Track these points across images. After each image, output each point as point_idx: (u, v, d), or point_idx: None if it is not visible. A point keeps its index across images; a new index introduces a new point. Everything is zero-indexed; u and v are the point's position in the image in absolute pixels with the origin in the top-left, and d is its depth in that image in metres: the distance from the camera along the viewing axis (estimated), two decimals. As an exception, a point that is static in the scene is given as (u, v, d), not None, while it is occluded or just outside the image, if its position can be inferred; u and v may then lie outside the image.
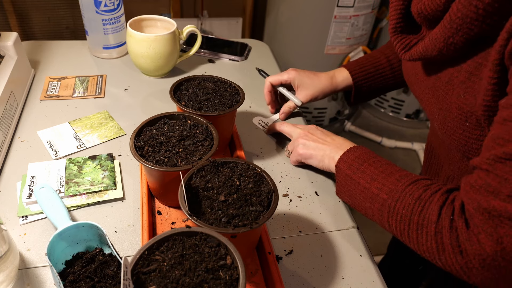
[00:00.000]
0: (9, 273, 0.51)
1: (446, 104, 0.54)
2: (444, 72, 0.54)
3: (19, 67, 0.84)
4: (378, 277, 0.59)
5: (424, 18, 0.51)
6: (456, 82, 0.51)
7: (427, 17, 0.50)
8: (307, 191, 0.71)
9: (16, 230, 0.60)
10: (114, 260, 0.53)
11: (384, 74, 0.81)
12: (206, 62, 1.07)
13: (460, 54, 0.50)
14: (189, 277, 0.40)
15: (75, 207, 0.64)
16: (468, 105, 0.49)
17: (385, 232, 0.65)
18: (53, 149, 0.73)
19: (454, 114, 0.53)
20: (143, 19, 0.96)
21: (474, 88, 0.48)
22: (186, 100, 0.71)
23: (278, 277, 0.53)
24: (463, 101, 0.50)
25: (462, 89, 0.50)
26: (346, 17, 1.78)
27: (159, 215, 0.64)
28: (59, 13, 1.83)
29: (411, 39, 0.55)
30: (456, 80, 0.51)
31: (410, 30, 0.56)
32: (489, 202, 0.42)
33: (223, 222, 0.50)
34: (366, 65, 0.81)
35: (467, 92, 0.49)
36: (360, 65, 0.82)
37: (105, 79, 0.95)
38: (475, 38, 0.46)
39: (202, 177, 0.55)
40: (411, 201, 0.50)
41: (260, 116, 0.89)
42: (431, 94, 0.57)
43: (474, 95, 0.48)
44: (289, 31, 1.92)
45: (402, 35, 0.56)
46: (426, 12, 0.50)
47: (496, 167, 0.42)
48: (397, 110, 2.32)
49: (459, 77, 0.51)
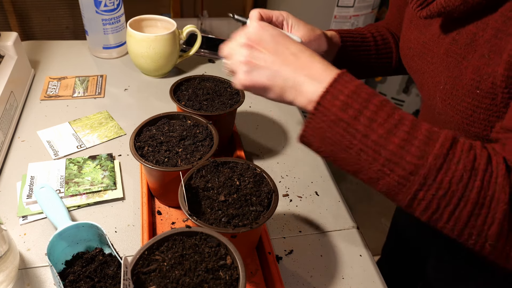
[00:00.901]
0: (9, 273, 0.51)
1: (458, 70, 0.48)
2: (464, 33, 0.48)
3: (19, 67, 0.84)
4: (378, 277, 0.59)
5: None
6: (480, 41, 0.46)
7: None
8: (307, 191, 0.71)
9: (16, 230, 0.60)
10: (114, 260, 0.53)
11: (368, 48, 0.75)
12: (206, 62, 1.07)
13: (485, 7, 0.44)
14: (189, 277, 0.40)
15: (75, 207, 0.63)
16: (491, 65, 0.44)
17: (385, 232, 0.64)
18: (53, 149, 0.73)
19: (465, 81, 0.47)
20: (143, 19, 0.96)
21: (501, 46, 0.43)
22: (186, 100, 0.71)
23: (278, 277, 0.53)
24: (486, 61, 0.44)
25: (487, 48, 0.44)
26: (346, 17, 1.78)
27: (159, 215, 0.64)
28: (59, 13, 1.83)
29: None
30: (480, 40, 0.46)
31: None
32: None
33: (223, 222, 0.50)
34: (352, 32, 0.74)
35: (492, 51, 0.43)
36: (347, 31, 0.74)
37: (105, 79, 0.95)
38: None
39: (202, 177, 0.55)
40: (464, 175, 0.38)
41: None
42: (439, 62, 0.52)
43: (500, 53, 0.43)
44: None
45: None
46: None
47: None
48: (397, 110, 2.32)
49: (484, 36, 0.45)
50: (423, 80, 0.57)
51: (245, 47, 0.48)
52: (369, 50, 0.74)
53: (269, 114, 0.90)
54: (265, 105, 0.92)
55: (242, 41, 0.48)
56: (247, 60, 0.47)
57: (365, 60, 0.74)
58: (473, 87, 0.46)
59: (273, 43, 0.47)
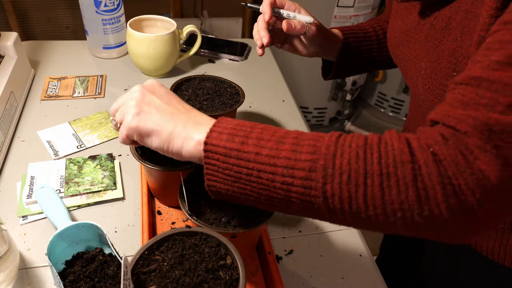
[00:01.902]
0: (9, 273, 0.51)
1: (436, 54, 0.50)
2: (440, 17, 0.51)
3: (19, 67, 0.84)
4: (378, 277, 0.59)
5: None
6: (453, 24, 0.47)
7: None
8: (307, 191, 0.71)
9: (16, 230, 0.60)
10: (114, 260, 0.53)
11: (370, 42, 0.77)
12: (206, 62, 1.07)
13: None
14: (189, 277, 0.40)
15: (75, 207, 0.64)
16: (464, 46, 0.45)
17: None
18: (53, 149, 0.74)
19: (443, 63, 0.48)
20: (143, 19, 0.96)
21: (470, 27, 0.44)
22: (186, 100, 0.71)
23: (278, 277, 0.53)
24: (459, 43, 0.46)
25: (459, 30, 0.46)
26: (346, 17, 1.78)
27: (159, 215, 0.64)
28: (59, 13, 1.83)
29: None
30: (453, 23, 0.47)
31: None
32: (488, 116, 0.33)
33: (223, 222, 0.50)
34: (354, 29, 0.77)
35: (464, 32, 0.45)
36: (349, 28, 0.77)
37: (105, 79, 0.95)
38: None
39: (202, 177, 0.55)
40: (359, 151, 0.36)
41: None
42: (420, 48, 0.54)
43: (470, 34, 0.44)
44: (289, 31, 1.92)
45: None
46: None
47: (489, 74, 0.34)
48: (397, 110, 2.32)
49: (457, 19, 0.47)
50: (407, 68, 0.58)
51: (138, 92, 0.46)
52: (371, 44, 0.76)
53: (269, 114, 0.90)
54: (265, 105, 0.92)
55: (136, 89, 0.47)
56: (139, 103, 0.45)
57: (368, 54, 0.76)
58: (450, 69, 0.47)
59: (167, 95, 0.47)
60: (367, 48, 0.76)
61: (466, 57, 0.45)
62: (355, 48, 0.74)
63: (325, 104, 2.06)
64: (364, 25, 0.79)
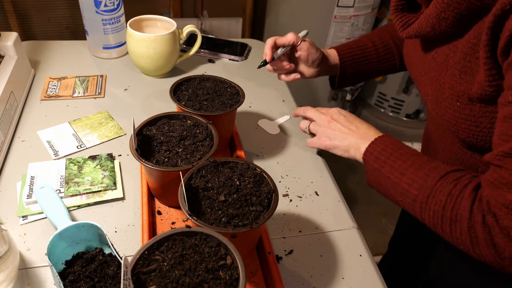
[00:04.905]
0: (9, 273, 0.51)
1: (439, 84, 0.56)
2: (440, 52, 0.56)
3: (19, 67, 0.84)
4: (378, 277, 0.59)
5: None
6: (451, 62, 0.53)
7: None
8: (307, 191, 0.71)
9: (16, 230, 0.60)
10: (114, 260, 0.53)
11: (369, 57, 0.83)
12: (206, 62, 1.07)
13: (454, 32, 0.52)
14: (189, 277, 0.40)
15: (75, 207, 0.64)
16: (464, 84, 0.51)
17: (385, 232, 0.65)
18: (53, 149, 0.74)
19: (446, 94, 0.54)
20: (143, 19, 0.96)
21: (471, 68, 0.50)
22: (186, 100, 0.71)
23: (278, 277, 0.53)
24: (457, 80, 0.52)
25: (457, 69, 0.52)
26: (346, 17, 1.78)
27: (159, 215, 0.64)
28: (59, 13, 1.83)
29: (410, 17, 0.57)
30: (451, 61, 0.53)
31: (410, 9, 0.58)
32: (504, 196, 0.44)
33: (223, 222, 0.50)
34: (353, 47, 0.83)
35: (463, 72, 0.51)
36: (347, 47, 0.84)
37: (105, 79, 0.95)
38: (466, 13, 0.48)
39: (202, 177, 0.55)
40: (442, 198, 0.50)
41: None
42: (426, 75, 0.59)
43: (471, 74, 0.50)
44: (289, 31, 1.92)
45: (402, 13, 0.58)
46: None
47: (506, 161, 0.45)
48: (397, 110, 2.32)
49: (455, 58, 0.52)
50: (419, 87, 0.64)
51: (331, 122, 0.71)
52: (371, 59, 0.83)
53: (269, 114, 0.90)
54: (265, 105, 0.92)
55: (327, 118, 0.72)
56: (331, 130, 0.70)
57: (367, 67, 0.84)
58: (453, 100, 0.53)
59: (345, 120, 0.70)
60: (366, 63, 0.83)
61: (466, 93, 0.51)
62: (353, 66, 0.83)
63: (325, 104, 2.06)
64: (364, 39, 0.84)
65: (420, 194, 0.53)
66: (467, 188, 0.50)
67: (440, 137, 0.64)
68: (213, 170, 0.56)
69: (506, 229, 0.45)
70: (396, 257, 1.03)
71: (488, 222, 0.46)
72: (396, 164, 0.57)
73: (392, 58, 0.83)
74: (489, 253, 0.47)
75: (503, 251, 0.46)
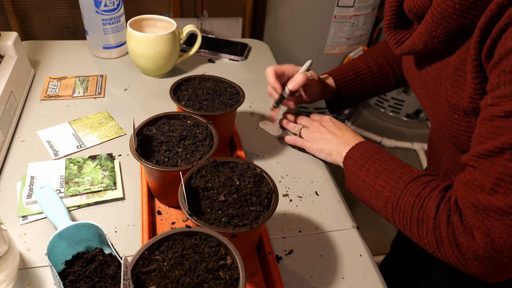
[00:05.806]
0: (9, 273, 0.51)
1: (436, 97, 0.57)
2: (433, 67, 0.57)
3: (19, 67, 0.84)
4: (378, 277, 0.59)
5: (415, 15, 0.54)
6: (443, 77, 0.54)
7: (416, 14, 0.53)
8: (307, 191, 0.71)
9: (16, 230, 0.60)
10: (114, 260, 0.53)
11: (364, 80, 0.84)
12: (206, 62, 1.07)
13: (445, 49, 0.52)
14: (189, 277, 0.40)
15: (75, 207, 0.63)
16: (456, 98, 0.52)
17: (385, 232, 0.65)
18: (53, 149, 0.73)
19: (443, 107, 0.55)
20: (143, 19, 0.96)
21: (461, 82, 0.51)
22: (186, 100, 0.71)
23: (278, 277, 0.53)
24: (450, 94, 0.53)
25: (449, 83, 0.53)
26: (346, 17, 1.78)
27: (159, 215, 0.64)
28: (59, 13, 1.83)
29: (403, 35, 0.58)
30: (443, 75, 0.54)
31: (403, 26, 0.59)
32: (475, 196, 0.45)
33: (223, 222, 0.50)
34: (347, 71, 0.84)
35: (454, 86, 0.52)
36: (342, 72, 0.85)
37: (105, 79, 0.95)
38: (456, 31, 0.49)
39: (202, 177, 0.55)
40: (411, 198, 0.53)
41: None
42: (423, 88, 0.60)
43: (461, 88, 0.51)
44: (289, 31, 1.92)
45: (395, 30, 0.59)
46: (415, 9, 0.53)
47: (480, 162, 0.45)
48: (397, 110, 2.32)
49: (446, 72, 0.54)
50: (418, 99, 0.65)
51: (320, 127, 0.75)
52: (366, 81, 0.85)
53: (269, 114, 0.90)
54: (265, 105, 0.92)
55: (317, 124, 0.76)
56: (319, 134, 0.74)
57: (363, 90, 0.86)
58: (451, 112, 0.54)
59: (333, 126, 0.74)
60: (361, 85, 0.85)
61: (461, 107, 0.52)
62: (349, 89, 0.85)
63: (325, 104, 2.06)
64: (358, 62, 0.85)
65: (391, 196, 0.55)
66: (436, 190, 0.51)
67: (443, 147, 0.65)
68: (213, 170, 0.56)
69: (471, 228, 0.45)
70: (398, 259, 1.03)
71: (452, 221, 0.47)
72: (372, 168, 0.60)
73: (386, 78, 0.84)
74: (453, 253, 0.48)
75: (466, 251, 0.46)
